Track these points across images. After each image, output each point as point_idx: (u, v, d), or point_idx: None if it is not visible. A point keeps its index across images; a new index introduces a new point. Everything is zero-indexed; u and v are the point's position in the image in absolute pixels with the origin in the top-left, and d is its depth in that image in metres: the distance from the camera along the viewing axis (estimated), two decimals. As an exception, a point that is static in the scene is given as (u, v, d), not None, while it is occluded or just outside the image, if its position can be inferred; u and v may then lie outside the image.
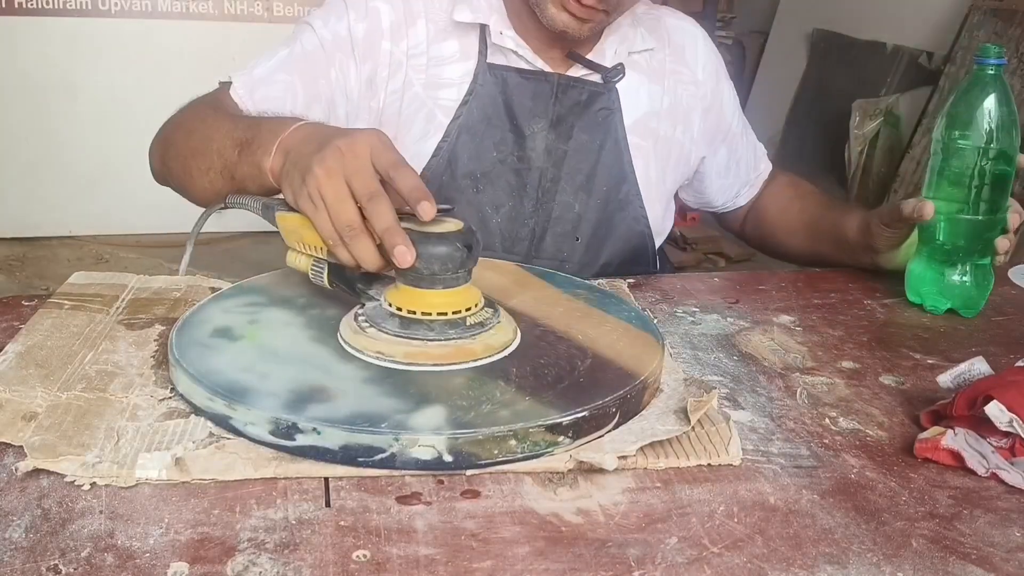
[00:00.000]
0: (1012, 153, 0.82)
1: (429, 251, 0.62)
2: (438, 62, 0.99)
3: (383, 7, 0.98)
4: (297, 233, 0.70)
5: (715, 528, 0.52)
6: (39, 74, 3.00)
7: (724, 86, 1.12)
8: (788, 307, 0.88)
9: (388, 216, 0.63)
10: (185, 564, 0.47)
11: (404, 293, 0.65)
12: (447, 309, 0.64)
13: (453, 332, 0.64)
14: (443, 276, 0.64)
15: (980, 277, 0.86)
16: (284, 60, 0.97)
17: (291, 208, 0.70)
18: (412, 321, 0.64)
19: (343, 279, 0.69)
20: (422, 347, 0.63)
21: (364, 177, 0.65)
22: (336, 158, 0.66)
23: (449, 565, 0.48)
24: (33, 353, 0.68)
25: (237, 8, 3.10)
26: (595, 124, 1.01)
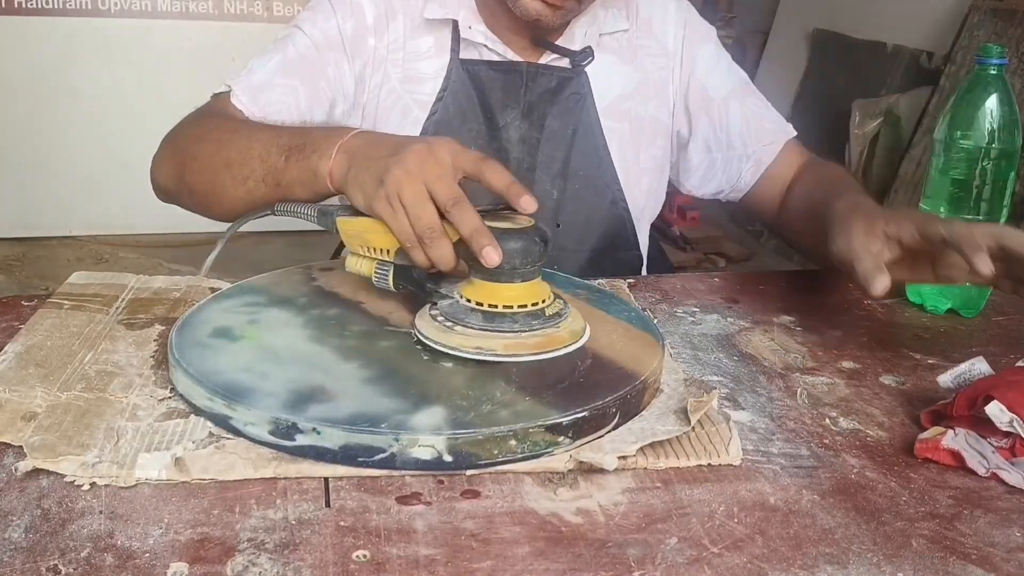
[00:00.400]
0: (1013, 153, 0.82)
1: (510, 246, 0.64)
2: (414, 56, 1.00)
3: (366, 3, 0.99)
4: (362, 237, 0.71)
5: (715, 528, 0.52)
6: (39, 74, 3.00)
7: (701, 52, 1.06)
8: (788, 307, 0.88)
9: (475, 218, 0.64)
10: (185, 564, 0.47)
11: (482, 288, 0.66)
12: (527, 301, 0.66)
13: (536, 323, 0.66)
14: (522, 270, 0.65)
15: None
16: (281, 64, 0.97)
17: (353, 213, 0.71)
18: (496, 315, 0.65)
19: (411, 280, 0.71)
20: (515, 339, 0.64)
21: (447, 182, 0.66)
22: (417, 162, 0.66)
23: (449, 565, 0.48)
24: (33, 353, 0.68)
25: (237, 8, 3.10)
26: (566, 110, 1.01)
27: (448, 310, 0.67)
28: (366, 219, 0.70)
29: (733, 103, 1.06)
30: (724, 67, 1.08)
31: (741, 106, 1.06)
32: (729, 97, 1.06)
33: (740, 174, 1.07)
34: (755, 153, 1.06)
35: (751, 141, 1.06)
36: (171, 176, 0.93)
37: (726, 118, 1.06)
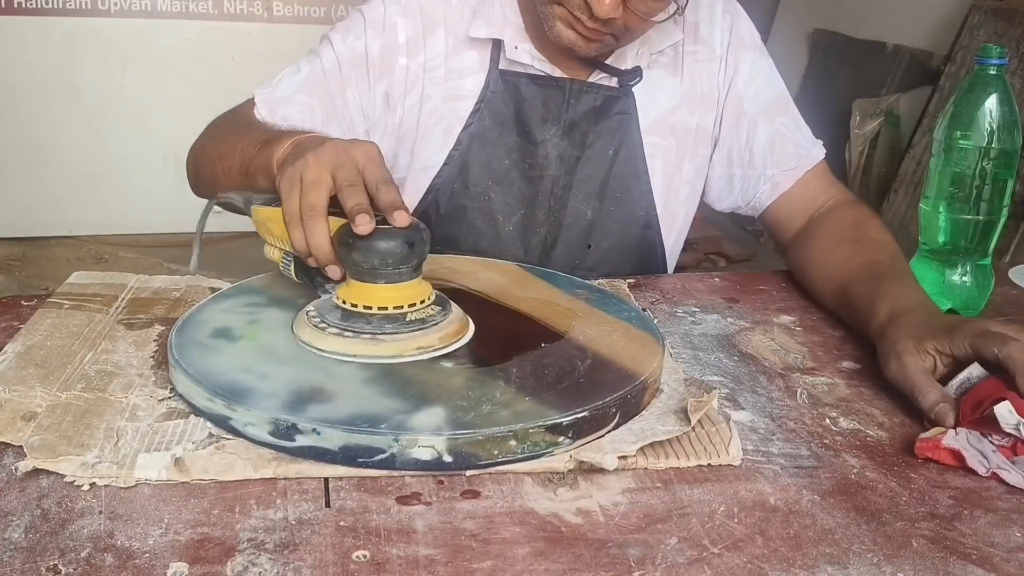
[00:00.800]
0: (1013, 153, 0.82)
1: (371, 244, 0.64)
2: (458, 74, 0.99)
3: (400, 21, 0.97)
4: (267, 226, 0.72)
5: (715, 528, 0.52)
6: (39, 74, 3.00)
7: (743, 59, 1.03)
8: (788, 307, 0.88)
9: (363, 198, 0.65)
10: (185, 564, 0.47)
11: (352, 288, 0.66)
12: (388, 304, 0.65)
13: (390, 327, 0.65)
14: (384, 271, 0.65)
15: (980, 277, 0.86)
16: (304, 80, 0.98)
17: (266, 202, 0.73)
18: (352, 314, 0.66)
19: (306, 272, 0.71)
20: (355, 341, 0.64)
21: (348, 170, 0.67)
22: (331, 152, 0.68)
23: (449, 565, 0.48)
24: (32, 353, 0.68)
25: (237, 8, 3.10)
26: (610, 130, 0.99)
27: (319, 305, 0.68)
28: (272, 209, 0.71)
29: (762, 121, 1.03)
30: (763, 79, 1.04)
31: (769, 125, 1.03)
32: (760, 114, 1.03)
33: (756, 194, 1.04)
34: (773, 176, 1.03)
35: (771, 163, 1.03)
36: (191, 171, 0.98)
37: (753, 135, 1.03)
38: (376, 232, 0.64)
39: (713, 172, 1.06)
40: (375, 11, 0.98)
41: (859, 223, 0.94)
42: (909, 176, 2.74)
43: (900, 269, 0.83)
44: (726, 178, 1.06)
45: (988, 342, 0.65)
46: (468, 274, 0.83)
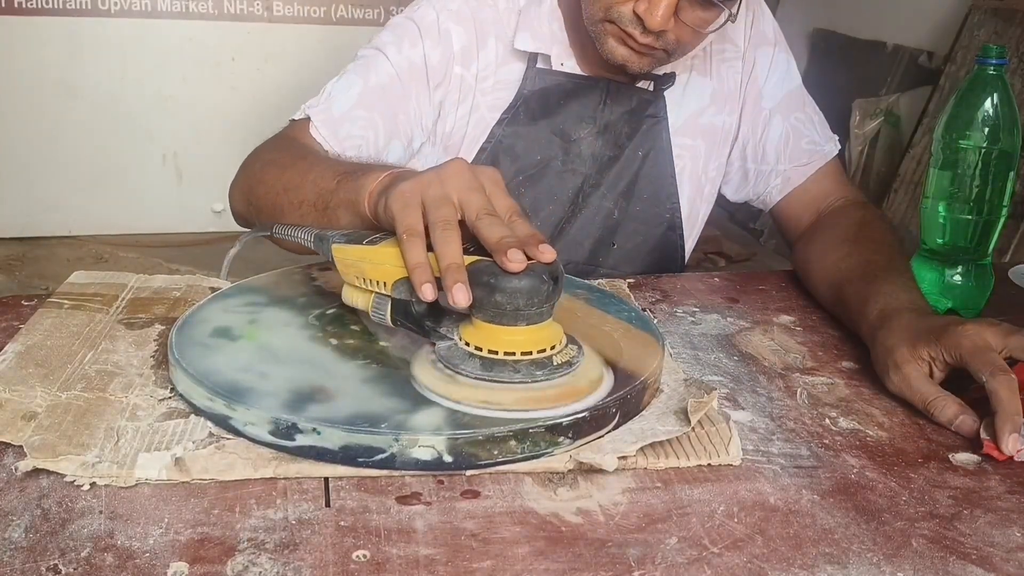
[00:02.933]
0: (1013, 153, 0.82)
1: (514, 284, 0.57)
2: (504, 85, 0.98)
3: (455, 29, 0.95)
4: (357, 266, 0.65)
5: (715, 528, 0.52)
6: (39, 74, 3.00)
7: (762, 55, 1.03)
8: (788, 307, 0.88)
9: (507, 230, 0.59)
10: (185, 564, 0.47)
11: (482, 331, 0.59)
12: (532, 348, 0.59)
13: (540, 373, 0.59)
14: (527, 311, 0.58)
15: (980, 277, 0.86)
16: (361, 94, 0.94)
17: (349, 240, 0.66)
18: (495, 363, 0.59)
19: (409, 316, 0.63)
20: (523, 390, 0.58)
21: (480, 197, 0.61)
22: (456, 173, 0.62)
23: (449, 565, 0.48)
24: (33, 353, 0.68)
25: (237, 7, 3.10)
26: (642, 132, 1.00)
27: (446, 353, 0.61)
28: (364, 247, 0.64)
29: (777, 116, 1.04)
30: (780, 74, 1.04)
31: (784, 120, 1.03)
32: (775, 110, 1.04)
33: (768, 188, 1.06)
34: (785, 171, 1.04)
35: (784, 159, 1.04)
36: (242, 200, 0.90)
37: (767, 130, 1.04)
38: None
39: (731, 167, 1.07)
40: (427, 18, 0.95)
41: (864, 223, 0.94)
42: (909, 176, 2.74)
43: (895, 268, 0.83)
44: (742, 172, 1.07)
45: (978, 364, 0.64)
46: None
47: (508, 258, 0.57)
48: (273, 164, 0.87)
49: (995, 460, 0.61)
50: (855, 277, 0.82)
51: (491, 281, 0.57)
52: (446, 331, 0.62)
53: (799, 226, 1.03)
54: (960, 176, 0.83)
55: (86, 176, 3.13)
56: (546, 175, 0.99)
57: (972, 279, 0.86)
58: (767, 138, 1.04)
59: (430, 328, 0.63)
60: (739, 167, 1.07)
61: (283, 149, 0.89)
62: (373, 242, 0.64)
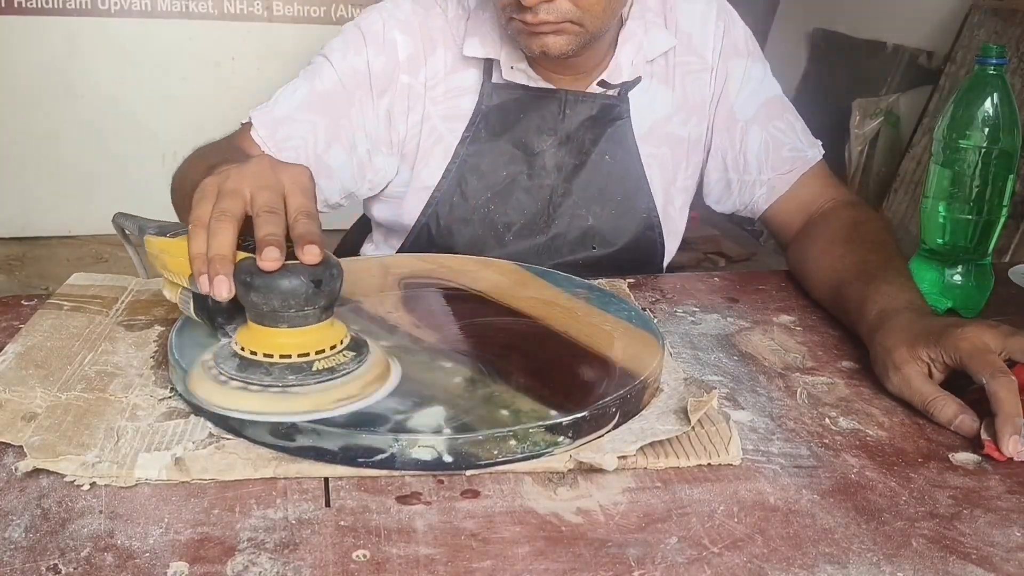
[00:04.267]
0: (1013, 153, 0.82)
1: (272, 283, 0.56)
2: (456, 93, 0.98)
3: (400, 38, 0.96)
4: (159, 259, 0.64)
5: (715, 528, 0.52)
6: (39, 74, 3.00)
7: (734, 67, 1.02)
8: (788, 307, 0.88)
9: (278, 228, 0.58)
10: (185, 564, 0.47)
11: (252, 332, 0.58)
12: (292, 351, 0.57)
13: (293, 378, 0.57)
14: (286, 313, 0.56)
15: (980, 277, 0.86)
16: (305, 98, 0.95)
17: (162, 232, 0.65)
18: (251, 363, 0.57)
19: (205, 310, 0.62)
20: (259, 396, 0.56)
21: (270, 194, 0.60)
22: (255, 170, 0.62)
23: (449, 565, 0.48)
24: (32, 354, 0.68)
25: (237, 7, 3.10)
26: (605, 138, 1.00)
27: (218, 352, 0.60)
28: (166, 240, 0.63)
29: (755, 127, 1.03)
30: (755, 85, 1.03)
31: (763, 130, 1.03)
32: (752, 120, 1.03)
33: (753, 198, 1.05)
34: (770, 180, 1.03)
35: (766, 168, 1.03)
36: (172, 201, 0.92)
37: (746, 141, 1.03)
38: (281, 268, 0.56)
39: (709, 178, 1.07)
40: (374, 27, 0.96)
41: (857, 223, 0.93)
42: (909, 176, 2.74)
43: (892, 267, 0.82)
44: (723, 183, 1.06)
45: (977, 366, 0.64)
46: (468, 274, 0.83)
47: (263, 256, 0.56)
48: (189, 167, 0.88)
49: (995, 460, 0.61)
50: (852, 278, 0.82)
51: (247, 279, 0.56)
52: (231, 331, 0.61)
53: (790, 231, 1.03)
54: (960, 176, 0.83)
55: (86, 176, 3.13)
56: (514, 190, 0.99)
57: (972, 279, 0.86)
58: (747, 149, 1.03)
59: (220, 324, 0.62)
60: (720, 178, 1.06)
61: (202, 152, 0.90)
62: (176, 235, 0.63)
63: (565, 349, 0.68)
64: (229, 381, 0.57)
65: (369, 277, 0.81)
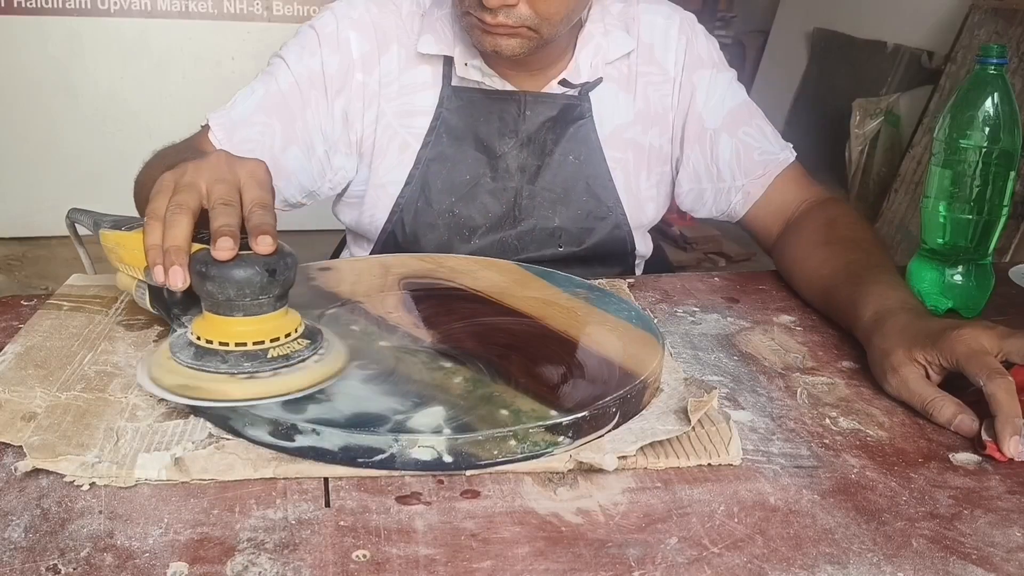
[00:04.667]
0: (1013, 153, 0.82)
1: (226, 272, 0.57)
2: (410, 90, 0.98)
3: (353, 37, 0.96)
4: (115, 252, 0.66)
5: (715, 528, 0.52)
6: (39, 74, 3.00)
7: (699, 78, 1.02)
8: (788, 307, 0.88)
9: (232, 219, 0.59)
10: (185, 564, 0.47)
11: (207, 321, 0.59)
12: (247, 339, 0.58)
13: (248, 365, 0.58)
14: (241, 302, 0.58)
15: (980, 277, 0.86)
16: (261, 101, 0.95)
17: (114, 226, 0.66)
18: (206, 351, 0.58)
19: (161, 302, 0.64)
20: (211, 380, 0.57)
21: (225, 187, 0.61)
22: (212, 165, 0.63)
23: (449, 565, 0.48)
24: (32, 354, 0.68)
25: (236, 7, 3.10)
26: (568, 137, 1.00)
27: (175, 341, 0.61)
28: (121, 233, 0.65)
29: (724, 135, 1.03)
30: (720, 94, 1.03)
31: (732, 137, 1.03)
32: (721, 128, 1.03)
33: (730, 204, 1.05)
34: (744, 186, 1.03)
35: (739, 174, 1.03)
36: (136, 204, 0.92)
37: (716, 150, 1.03)
38: (236, 258, 0.57)
39: (681, 188, 1.07)
40: (327, 27, 0.96)
41: (831, 222, 0.93)
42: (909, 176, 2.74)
43: (877, 265, 0.83)
44: (696, 193, 1.06)
45: (975, 368, 0.64)
46: (468, 273, 0.83)
47: (217, 246, 0.57)
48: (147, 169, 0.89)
49: (996, 461, 0.61)
50: (840, 281, 0.82)
51: (203, 269, 0.58)
52: (186, 320, 0.63)
53: (771, 235, 1.03)
54: (960, 176, 0.83)
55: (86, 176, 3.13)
56: (478, 194, 0.99)
57: (972, 279, 0.86)
58: (717, 157, 1.03)
59: (176, 316, 0.64)
60: (693, 188, 1.06)
61: (164, 153, 0.91)
62: (131, 228, 0.64)
63: (565, 349, 0.68)
64: (185, 369, 0.58)
65: (369, 277, 0.81)
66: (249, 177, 0.63)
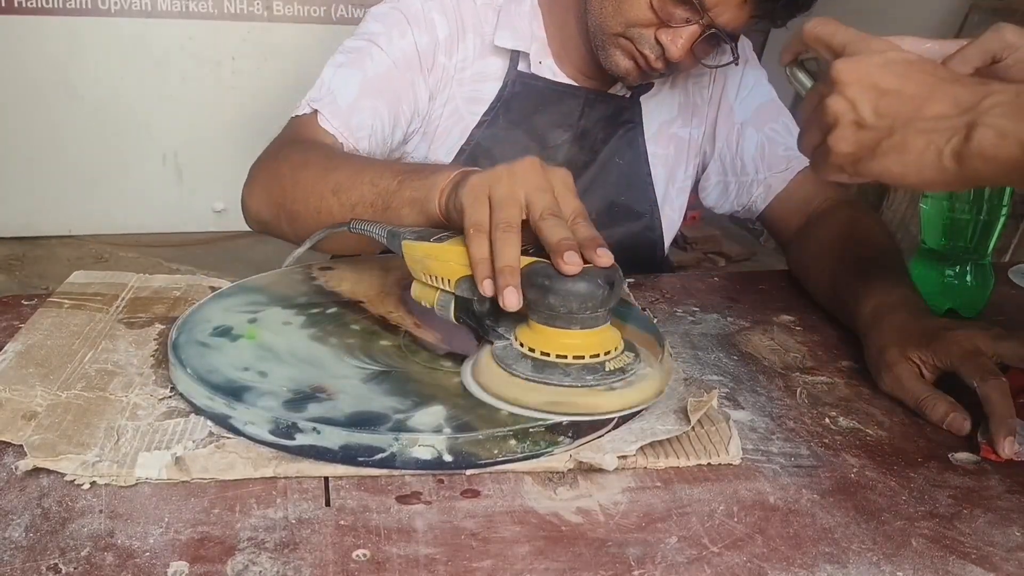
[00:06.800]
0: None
1: (567, 287, 0.57)
2: (481, 78, 1.00)
3: (439, 19, 0.97)
4: (423, 263, 0.66)
5: (715, 528, 0.52)
6: (39, 74, 3.00)
7: (732, 70, 1.05)
8: (788, 306, 0.88)
9: (568, 232, 0.59)
10: (185, 563, 0.47)
11: (537, 332, 0.59)
12: (584, 352, 0.59)
13: (591, 378, 0.58)
14: (581, 315, 0.58)
15: (980, 277, 0.86)
16: (362, 84, 0.93)
17: (419, 237, 0.66)
18: (546, 365, 0.59)
19: (471, 315, 0.64)
20: (562, 393, 0.58)
21: (547, 197, 0.61)
22: (527, 172, 0.62)
23: (449, 565, 0.48)
24: (33, 352, 0.68)
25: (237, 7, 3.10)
26: (618, 138, 1.03)
27: (501, 353, 0.61)
28: (431, 244, 0.65)
29: (750, 129, 1.05)
30: (750, 89, 1.06)
31: (758, 131, 1.05)
32: (748, 123, 1.06)
33: (751, 197, 1.07)
34: (766, 179, 1.05)
35: (762, 167, 1.05)
36: (268, 204, 0.86)
37: (742, 143, 1.06)
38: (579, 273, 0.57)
39: (708, 181, 1.10)
40: (413, 6, 0.97)
41: (852, 221, 0.94)
42: (909, 176, 2.73)
43: (887, 265, 0.83)
44: (722, 186, 1.09)
45: (969, 370, 0.65)
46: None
47: (564, 260, 0.57)
48: (307, 166, 0.84)
49: (994, 462, 0.61)
50: (849, 277, 0.83)
51: (546, 283, 0.57)
52: (504, 331, 0.62)
53: (789, 230, 1.04)
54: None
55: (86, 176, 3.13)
56: None
57: (972, 279, 0.86)
58: (743, 150, 1.06)
59: (489, 327, 0.63)
60: (719, 181, 1.09)
61: (308, 150, 0.87)
62: (440, 240, 0.64)
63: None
64: (527, 382, 0.58)
65: (369, 277, 0.81)
66: (563, 186, 0.63)
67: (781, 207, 1.05)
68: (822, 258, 0.90)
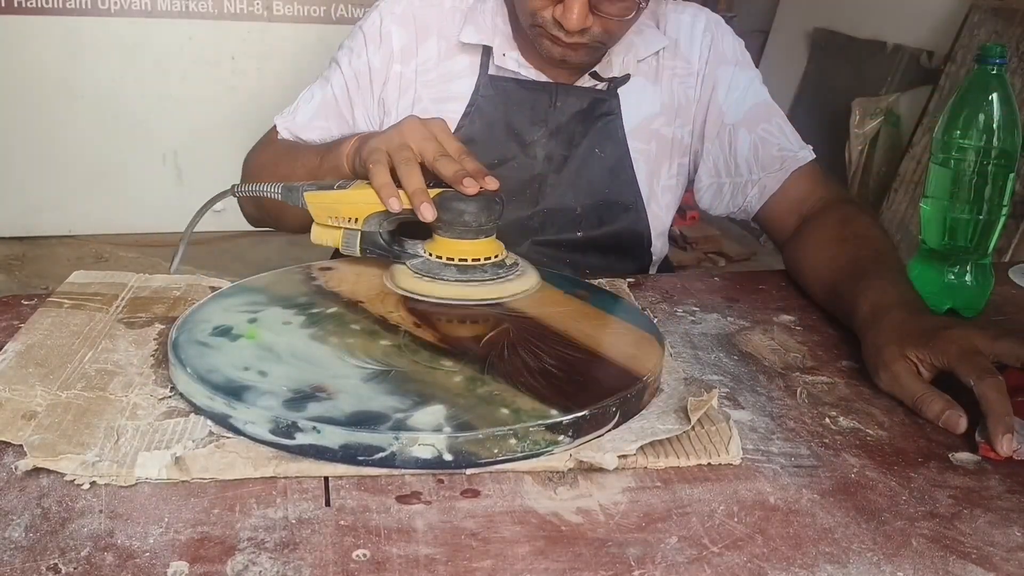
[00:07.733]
0: (1013, 153, 0.82)
1: (477, 205, 0.72)
2: (448, 77, 1.02)
3: (395, 30, 1.02)
4: (332, 208, 0.77)
5: (715, 527, 0.52)
6: (39, 74, 2.99)
7: (722, 74, 1.05)
8: (788, 306, 0.88)
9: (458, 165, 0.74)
10: (185, 563, 0.47)
11: (451, 245, 0.74)
12: (491, 254, 0.74)
13: (502, 271, 0.74)
14: (487, 226, 0.74)
15: (980, 277, 0.86)
16: (319, 106, 1.04)
17: (320, 188, 0.78)
18: (468, 268, 0.73)
19: (377, 244, 0.77)
20: (495, 286, 0.73)
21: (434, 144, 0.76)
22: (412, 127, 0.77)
23: (449, 564, 0.48)
24: (33, 352, 0.68)
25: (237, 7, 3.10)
26: (596, 130, 1.03)
27: (422, 267, 0.74)
28: (337, 191, 0.77)
29: (743, 130, 1.05)
30: (742, 91, 1.06)
31: (751, 132, 1.04)
32: (740, 124, 1.05)
33: (746, 198, 1.06)
34: (760, 180, 1.04)
35: (756, 168, 1.04)
36: (250, 203, 1.05)
37: (735, 144, 1.05)
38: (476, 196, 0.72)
39: (702, 183, 1.09)
40: (372, 25, 1.03)
41: (847, 220, 0.94)
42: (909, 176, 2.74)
43: (884, 263, 0.83)
44: (716, 187, 1.08)
45: (966, 369, 0.65)
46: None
47: (464, 185, 0.72)
48: (265, 165, 1.01)
49: (994, 461, 0.61)
50: (845, 276, 0.83)
51: (458, 205, 0.73)
52: (411, 250, 0.77)
53: (785, 230, 1.03)
54: (960, 176, 0.83)
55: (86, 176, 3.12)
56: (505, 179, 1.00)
57: (972, 279, 0.86)
58: (736, 151, 1.05)
59: (399, 251, 0.77)
60: (712, 183, 1.08)
61: (271, 150, 1.04)
62: (343, 187, 0.77)
63: (565, 348, 0.68)
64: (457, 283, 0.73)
65: (369, 277, 0.81)
66: (443, 133, 0.78)
67: (776, 207, 1.04)
68: (819, 257, 0.90)
